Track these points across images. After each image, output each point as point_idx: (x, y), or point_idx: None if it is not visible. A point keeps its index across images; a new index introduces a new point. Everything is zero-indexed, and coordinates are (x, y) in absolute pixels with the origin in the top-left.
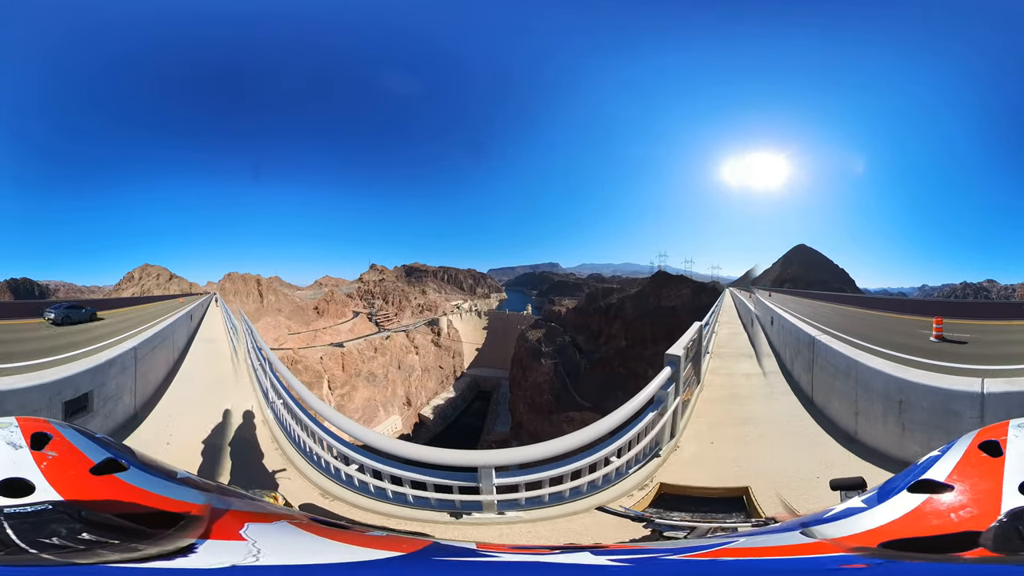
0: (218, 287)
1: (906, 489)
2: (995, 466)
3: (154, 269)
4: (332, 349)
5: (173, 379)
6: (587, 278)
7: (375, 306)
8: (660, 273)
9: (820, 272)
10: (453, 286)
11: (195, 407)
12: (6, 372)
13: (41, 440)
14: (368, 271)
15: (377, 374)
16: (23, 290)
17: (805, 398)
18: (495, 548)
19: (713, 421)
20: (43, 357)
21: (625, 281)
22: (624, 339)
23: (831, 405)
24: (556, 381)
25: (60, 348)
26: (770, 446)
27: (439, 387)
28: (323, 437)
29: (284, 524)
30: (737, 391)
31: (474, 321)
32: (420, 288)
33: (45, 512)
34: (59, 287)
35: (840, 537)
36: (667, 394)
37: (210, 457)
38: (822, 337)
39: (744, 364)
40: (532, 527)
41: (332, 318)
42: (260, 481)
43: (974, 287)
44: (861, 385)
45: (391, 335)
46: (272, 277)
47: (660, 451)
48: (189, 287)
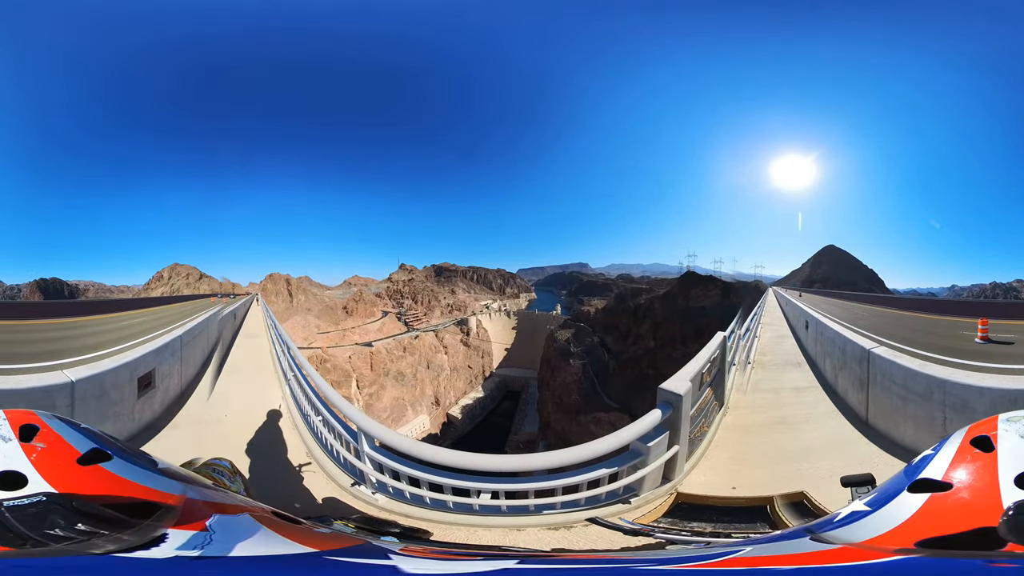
0: (259, 288)
1: (906, 490)
2: (988, 461)
3: (183, 268)
4: (361, 348)
5: (222, 367)
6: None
7: (404, 306)
8: (689, 273)
9: (849, 272)
10: (482, 286)
11: (237, 393)
12: (95, 359)
13: (29, 432)
14: (397, 271)
15: (406, 373)
16: (52, 290)
17: (859, 420)
18: (416, 552)
19: (738, 455)
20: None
21: (654, 282)
22: (653, 340)
23: (905, 434)
24: (584, 381)
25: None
26: (824, 488)
27: (468, 387)
28: (341, 433)
29: (246, 517)
30: (769, 414)
31: (503, 321)
32: (449, 288)
33: (41, 504)
34: (88, 287)
35: (865, 540)
36: (647, 448)
37: (248, 441)
38: (879, 350)
39: (782, 378)
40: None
41: (361, 318)
42: (284, 474)
43: (1004, 287)
44: (953, 408)
45: (420, 335)
46: (302, 277)
47: (631, 497)
48: (232, 287)
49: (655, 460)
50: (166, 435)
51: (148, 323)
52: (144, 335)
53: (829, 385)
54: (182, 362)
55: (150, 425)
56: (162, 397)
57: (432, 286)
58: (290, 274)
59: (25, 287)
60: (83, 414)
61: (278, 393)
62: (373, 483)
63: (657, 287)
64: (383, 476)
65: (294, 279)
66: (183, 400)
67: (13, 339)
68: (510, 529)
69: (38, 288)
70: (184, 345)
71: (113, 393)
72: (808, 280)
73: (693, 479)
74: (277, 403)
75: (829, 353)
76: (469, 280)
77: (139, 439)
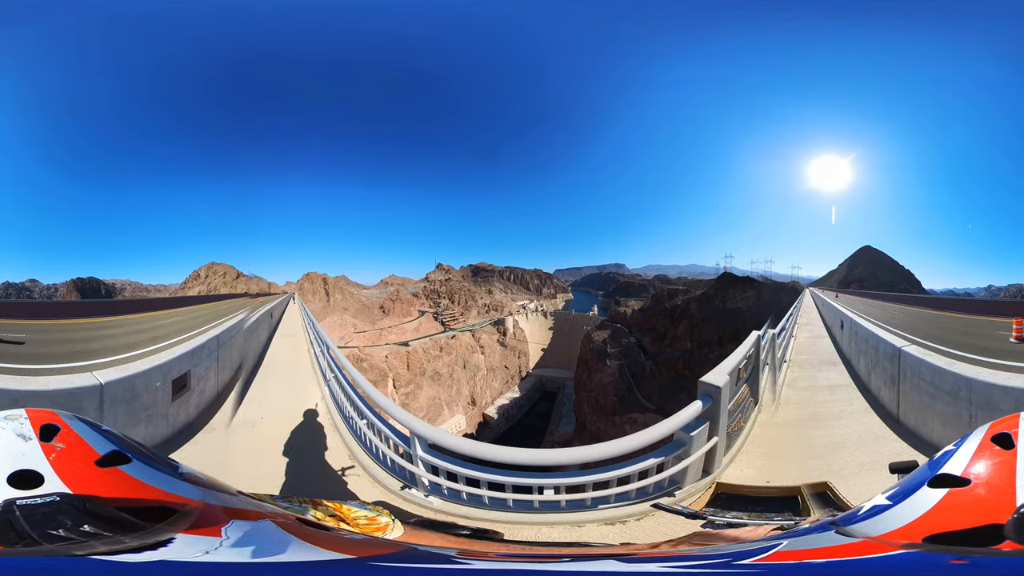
0: (296, 287)
1: (926, 484)
2: (1008, 458)
3: (220, 267)
4: (397, 348)
5: (258, 368)
6: (653, 279)
7: (441, 305)
8: (726, 274)
9: (886, 273)
10: (519, 286)
11: (276, 394)
12: (127, 360)
13: (50, 432)
14: (434, 270)
15: (442, 373)
16: (89, 289)
17: (890, 418)
18: (477, 556)
19: (772, 450)
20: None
21: (690, 282)
22: (689, 341)
23: (933, 431)
24: (621, 382)
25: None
26: (854, 483)
27: (504, 387)
28: (389, 435)
29: (267, 523)
30: (804, 411)
31: (540, 321)
32: (486, 288)
33: (53, 504)
34: (125, 286)
35: (883, 533)
36: (690, 438)
37: (286, 443)
38: (910, 348)
39: (817, 376)
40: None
41: (398, 317)
42: (326, 479)
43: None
44: (980, 407)
45: (456, 334)
46: (339, 276)
47: (675, 490)
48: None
49: (697, 450)
50: (202, 439)
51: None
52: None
53: (863, 383)
54: (219, 363)
55: (185, 428)
56: (198, 400)
57: (469, 286)
58: (327, 273)
59: (62, 286)
60: (112, 418)
61: (316, 394)
62: (426, 486)
63: (694, 288)
64: (438, 478)
65: (331, 278)
66: (220, 402)
67: (45, 339)
68: (572, 526)
69: (75, 287)
70: (221, 346)
71: (145, 396)
72: (845, 281)
73: (731, 472)
74: (315, 403)
75: (863, 351)
76: (506, 280)
77: (173, 442)
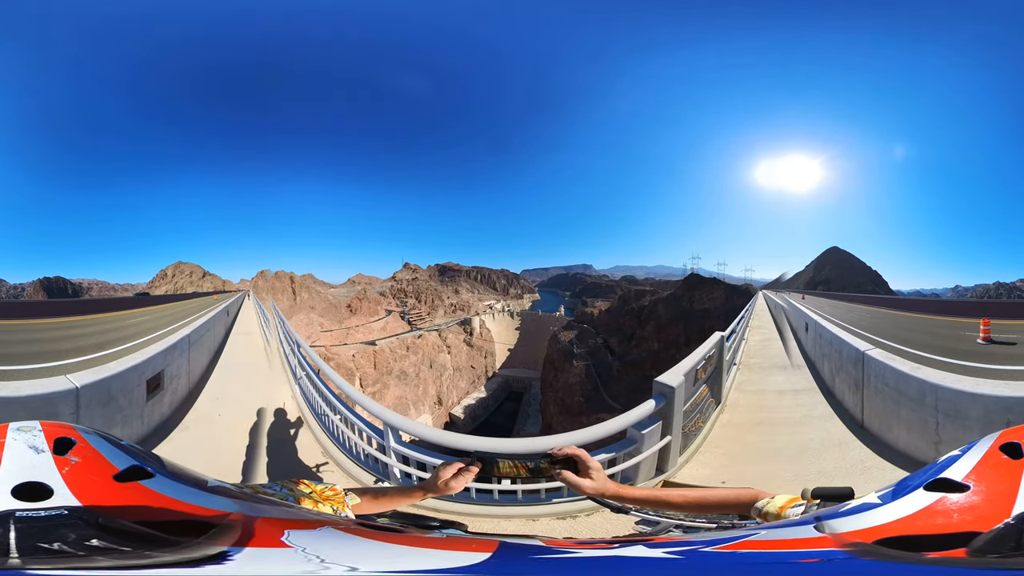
0: (251, 284)
1: (922, 487)
2: (1014, 468)
3: (187, 267)
4: (364, 347)
5: (215, 364)
6: (620, 280)
7: (408, 305)
8: (693, 275)
9: (853, 274)
10: (486, 286)
11: (237, 390)
12: (99, 361)
13: (65, 445)
14: (401, 269)
15: (409, 372)
16: (56, 289)
17: (854, 423)
18: (560, 544)
19: (734, 452)
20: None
21: (658, 283)
22: (656, 341)
23: (898, 437)
24: (588, 383)
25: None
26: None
27: (470, 387)
28: (363, 428)
29: (329, 530)
30: (766, 414)
31: (507, 321)
32: (453, 287)
33: (57, 517)
34: (92, 285)
35: (844, 532)
36: (641, 436)
37: (252, 436)
38: (873, 352)
39: (778, 378)
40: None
41: (365, 316)
42: (301, 476)
43: (1008, 286)
44: (946, 414)
45: (423, 334)
46: (305, 275)
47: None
48: (222, 284)
49: (649, 448)
50: (176, 437)
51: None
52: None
53: (827, 387)
54: (190, 362)
55: (159, 427)
56: (171, 399)
57: (436, 285)
58: (294, 272)
59: (29, 286)
60: (88, 421)
61: (285, 392)
62: (398, 478)
63: (661, 289)
64: (410, 468)
65: (298, 277)
66: (191, 400)
67: (13, 339)
68: (528, 519)
69: (42, 287)
70: (192, 344)
71: (121, 398)
72: (812, 282)
73: (685, 472)
74: (283, 402)
75: (827, 355)
76: (473, 280)
77: (149, 442)
